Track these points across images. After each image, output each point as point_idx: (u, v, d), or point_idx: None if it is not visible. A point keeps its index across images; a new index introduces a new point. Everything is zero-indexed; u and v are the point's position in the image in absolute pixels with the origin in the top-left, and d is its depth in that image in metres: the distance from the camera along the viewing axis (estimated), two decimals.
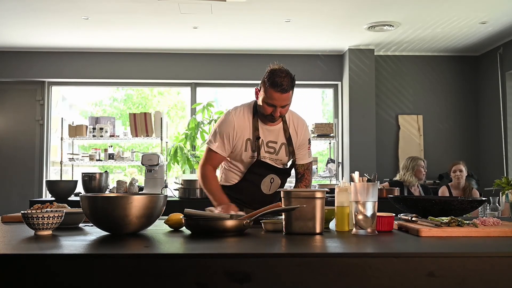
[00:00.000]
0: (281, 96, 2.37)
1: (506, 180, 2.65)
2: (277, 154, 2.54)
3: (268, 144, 2.52)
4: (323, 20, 5.23)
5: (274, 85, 2.36)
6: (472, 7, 4.85)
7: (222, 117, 2.57)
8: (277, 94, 2.37)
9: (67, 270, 1.28)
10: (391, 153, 6.51)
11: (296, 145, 2.59)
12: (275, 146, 2.54)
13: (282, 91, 2.36)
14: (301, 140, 2.61)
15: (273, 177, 2.56)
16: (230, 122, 2.49)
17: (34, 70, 6.35)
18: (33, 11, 4.94)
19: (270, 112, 2.42)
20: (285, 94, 2.38)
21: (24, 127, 6.42)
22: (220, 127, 2.52)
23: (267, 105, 2.41)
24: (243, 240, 1.60)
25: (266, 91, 2.40)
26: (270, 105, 2.40)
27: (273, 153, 2.53)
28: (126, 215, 1.64)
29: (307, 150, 2.65)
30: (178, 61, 6.43)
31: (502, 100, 5.98)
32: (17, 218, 2.11)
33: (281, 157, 2.55)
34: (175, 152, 5.54)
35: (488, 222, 1.80)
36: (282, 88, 2.36)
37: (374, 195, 1.71)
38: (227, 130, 2.48)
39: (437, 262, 1.31)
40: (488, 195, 4.33)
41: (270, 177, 2.55)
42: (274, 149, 2.53)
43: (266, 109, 2.43)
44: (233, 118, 2.50)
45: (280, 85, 2.35)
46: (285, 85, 2.36)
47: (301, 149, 2.62)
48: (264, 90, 2.41)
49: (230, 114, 2.52)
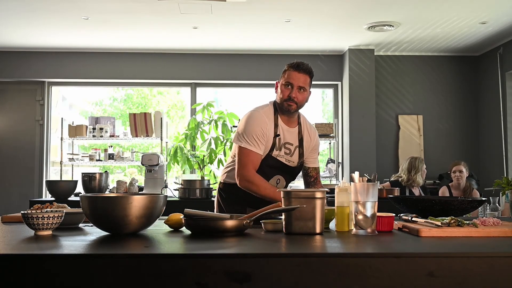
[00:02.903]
0: (298, 75, 2.48)
1: (506, 180, 2.65)
2: (291, 155, 2.59)
3: (286, 145, 2.57)
4: (323, 20, 5.23)
5: (293, 65, 2.50)
6: (472, 7, 4.85)
7: (246, 119, 2.53)
8: (295, 73, 2.48)
9: (67, 270, 1.28)
10: (391, 153, 6.51)
11: (309, 148, 2.65)
12: (291, 147, 2.58)
13: (299, 70, 2.48)
14: (315, 145, 2.68)
15: (280, 178, 2.59)
16: (258, 120, 2.50)
17: (34, 70, 6.35)
18: (33, 11, 4.94)
19: (288, 94, 2.49)
20: (302, 73, 2.48)
21: (24, 127, 6.42)
22: (249, 127, 2.48)
23: (285, 87, 2.50)
24: (243, 240, 1.60)
25: (285, 74, 2.51)
26: (288, 85, 2.49)
27: (288, 154, 2.58)
28: (126, 215, 1.64)
29: (317, 155, 2.74)
30: (178, 61, 6.43)
31: (502, 100, 5.98)
32: (17, 218, 2.11)
33: (294, 159, 2.60)
34: (175, 152, 5.53)
35: (488, 222, 1.80)
36: (300, 67, 2.48)
37: (374, 195, 1.71)
38: (258, 128, 2.48)
39: (437, 262, 1.31)
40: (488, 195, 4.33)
41: (276, 178, 2.58)
42: (290, 151, 2.58)
43: (284, 92, 2.50)
44: (260, 116, 2.51)
45: (298, 65, 2.49)
46: (304, 65, 2.50)
47: (314, 153, 2.69)
48: (284, 75, 2.52)
49: (256, 113, 2.53)
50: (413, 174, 5.02)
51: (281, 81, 2.53)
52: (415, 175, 5.01)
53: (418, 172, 5.02)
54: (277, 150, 2.53)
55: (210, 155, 5.48)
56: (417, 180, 5.01)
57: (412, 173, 5.03)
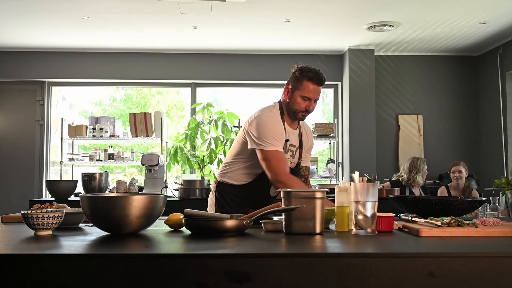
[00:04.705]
0: (317, 89, 2.46)
1: (506, 180, 2.65)
2: (293, 157, 2.60)
3: (290, 148, 2.58)
4: (323, 20, 5.23)
5: (311, 78, 2.44)
6: (472, 7, 4.85)
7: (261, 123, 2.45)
8: (314, 86, 2.45)
9: (67, 270, 1.28)
10: (391, 153, 6.51)
11: (305, 148, 2.66)
12: (293, 149, 2.59)
13: (319, 83, 2.45)
14: (310, 144, 2.71)
15: None
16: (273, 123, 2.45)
17: (34, 70, 6.35)
18: (33, 11, 4.94)
19: (305, 107, 2.47)
20: (321, 87, 2.46)
21: (24, 127, 6.42)
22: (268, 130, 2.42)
23: (303, 100, 2.46)
24: (243, 240, 1.60)
25: (302, 85, 2.45)
26: (306, 99, 2.46)
27: (291, 156, 2.58)
28: (126, 215, 1.64)
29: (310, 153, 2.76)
30: (178, 61, 6.43)
31: (502, 100, 5.98)
32: (17, 218, 2.11)
33: (295, 160, 2.61)
34: (175, 152, 5.53)
35: (488, 222, 1.80)
36: (319, 80, 2.44)
37: (374, 195, 1.71)
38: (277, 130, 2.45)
39: (437, 262, 1.31)
40: (488, 195, 4.33)
41: None
42: (293, 152, 2.59)
43: (300, 105, 2.47)
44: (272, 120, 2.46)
45: (318, 77, 2.44)
46: (322, 79, 2.46)
47: (308, 153, 2.71)
48: (300, 85, 2.45)
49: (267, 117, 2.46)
50: (414, 174, 5.03)
51: (297, 91, 2.46)
52: (416, 175, 5.02)
53: (419, 172, 5.03)
54: (285, 152, 2.53)
55: (210, 155, 5.48)
56: (417, 180, 5.02)
57: (412, 173, 5.03)
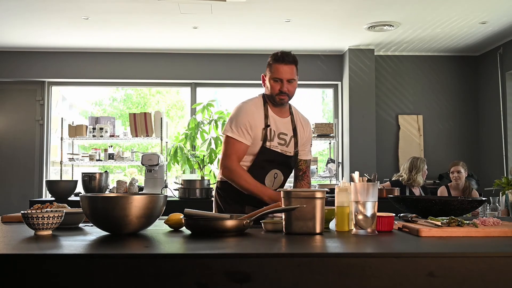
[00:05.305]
0: (285, 68, 2.49)
1: (506, 180, 2.65)
2: (287, 146, 2.60)
3: (280, 136, 2.58)
4: (323, 20, 5.23)
5: (277, 59, 2.50)
6: (472, 7, 4.85)
7: (235, 110, 2.58)
8: (282, 66, 2.49)
9: (67, 270, 1.28)
10: (391, 153, 6.51)
11: (302, 140, 2.67)
12: (286, 138, 2.60)
13: (286, 62, 2.49)
14: (308, 136, 2.71)
15: (277, 172, 2.59)
16: (247, 111, 2.53)
17: (34, 70, 6.35)
18: (33, 11, 4.94)
19: (279, 89, 2.51)
20: (289, 65, 2.50)
21: (24, 127, 6.42)
22: (237, 118, 2.52)
23: (274, 82, 2.52)
24: (243, 240, 1.60)
25: (272, 68, 2.52)
26: (277, 80, 2.51)
27: (284, 144, 2.59)
28: (126, 215, 1.64)
29: (310, 146, 2.75)
30: (178, 61, 6.43)
31: (502, 100, 5.98)
32: (17, 218, 2.11)
33: (290, 149, 2.61)
34: (175, 152, 5.54)
35: (488, 222, 1.80)
36: (285, 59, 2.49)
37: (374, 195, 1.71)
38: (246, 119, 2.51)
39: (437, 262, 1.31)
40: (488, 195, 4.33)
41: (273, 172, 2.58)
42: (285, 141, 2.60)
43: (274, 87, 2.52)
44: (248, 107, 2.55)
45: (283, 57, 2.49)
46: (288, 57, 2.50)
47: (306, 145, 2.72)
48: (270, 69, 2.53)
49: (245, 104, 2.57)
50: (414, 174, 5.03)
51: (268, 75, 2.55)
52: (416, 175, 5.03)
53: (419, 172, 5.04)
54: (270, 141, 2.54)
55: (210, 155, 5.48)
56: (417, 180, 5.03)
57: (413, 173, 5.04)
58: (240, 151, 2.50)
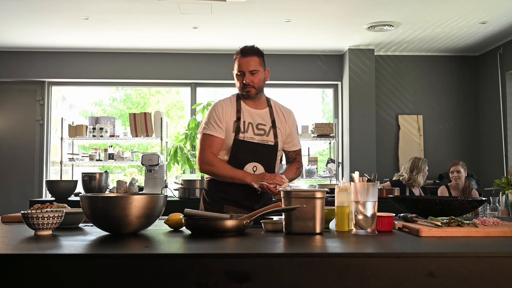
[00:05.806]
0: (246, 60, 2.59)
1: (506, 180, 2.65)
2: (267, 135, 2.64)
3: (258, 127, 2.63)
4: (323, 20, 5.23)
5: (238, 53, 2.64)
6: (472, 7, 4.85)
7: (211, 108, 2.68)
8: (242, 59, 2.59)
9: (67, 270, 1.28)
10: (391, 153, 6.51)
11: (286, 130, 2.70)
12: (264, 128, 2.64)
13: (245, 55, 2.58)
14: (290, 129, 2.73)
15: (256, 165, 2.58)
16: (218, 107, 2.63)
17: (34, 70, 6.35)
18: (33, 11, 4.94)
19: (242, 82, 2.59)
20: (249, 57, 2.58)
21: (24, 127, 6.42)
22: (209, 115, 2.63)
23: (238, 76, 2.62)
24: (243, 240, 1.60)
25: (235, 63, 2.64)
26: (239, 74, 2.61)
27: (263, 134, 2.63)
28: (126, 215, 1.64)
29: (297, 138, 2.78)
30: (178, 61, 6.43)
31: (502, 100, 5.98)
32: (17, 218, 2.11)
33: (270, 138, 2.65)
34: (175, 152, 5.53)
35: (488, 222, 1.80)
36: (245, 52, 2.59)
37: (374, 195, 1.71)
38: (217, 114, 2.60)
39: (437, 262, 1.31)
40: (488, 195, 4.33)
41: (252, 165, 2.58)
42: (264, 131, 2.64)
43: (238, 82, 2.62)
44: (218, 104, 2.65)
45: (242, 51, 2.60)
46: (246, 49, 2.60)
47: (293, 136, 2.75)
48: (234, 65, 2.65)
49: (216, 103, 2.69)
50: (415, 174, 5.04)
51: (233, 72, 2.65)
52: (417, 175, 5.03)
53: (420, 173, 5.04)
54: (243, 132, 2.57)
55: None
56: (418, 180, 5.03)
57: (413, 173, 5.04)
58: (214, 144, 2.58)
